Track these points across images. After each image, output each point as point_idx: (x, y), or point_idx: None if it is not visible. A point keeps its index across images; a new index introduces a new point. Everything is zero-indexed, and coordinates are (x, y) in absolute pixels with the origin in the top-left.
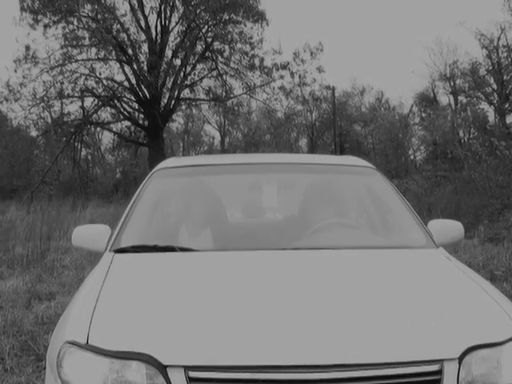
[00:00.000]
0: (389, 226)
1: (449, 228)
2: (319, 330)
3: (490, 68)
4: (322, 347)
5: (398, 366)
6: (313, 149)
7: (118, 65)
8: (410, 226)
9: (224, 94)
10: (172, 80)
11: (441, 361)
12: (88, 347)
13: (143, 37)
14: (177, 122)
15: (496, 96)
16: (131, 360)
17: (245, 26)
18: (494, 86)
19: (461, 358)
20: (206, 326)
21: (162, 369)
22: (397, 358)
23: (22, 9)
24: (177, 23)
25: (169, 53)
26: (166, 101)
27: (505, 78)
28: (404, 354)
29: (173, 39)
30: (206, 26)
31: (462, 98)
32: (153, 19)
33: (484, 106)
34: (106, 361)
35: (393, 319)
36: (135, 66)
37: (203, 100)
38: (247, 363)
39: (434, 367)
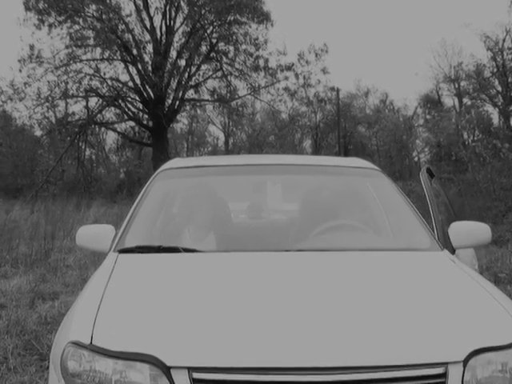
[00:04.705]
0: (393, 228)
1: (474, 230)
2: (323, 332)
3: (495, 70)
4: (326, 349)
5: (403, 369)
6: (317, 150)
7: (122, 65)
8: (414, 228)
9: (228, 94)
10: (176, 80)
11: (445, 364)
12: (92, 347)
13: (148, 37)
14: (181, 123)
15: (501, 98)
16: (135, 361)
17: (249, 27)
18: (499, 88)
19: (465, 361)
20: (210, 327)
21: (166, 370)
22: (401, 361)
23: (27, 9)
24: (182, 24)
25: (173, 53)
26: (170, 101)
27: (509, 80)
28: (409, 356)
29: (177, 40)
30: (211, 27)
31: (466, 100)
32: (158, 20)
33: (488, 108)
34: (110, 361)
35: (397, 322)
36: (140, 67)
37: (207, 101)
38: (251, 365)
39: (439, 370)
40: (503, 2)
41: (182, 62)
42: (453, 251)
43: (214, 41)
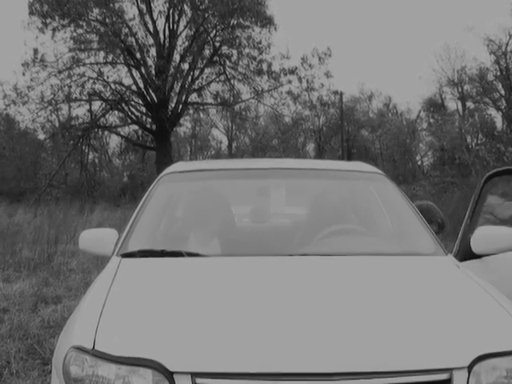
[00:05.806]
0: (397, 233)
1: (500, 235)
2: (327, 338)
3: (498, 74)
4: (330, 355)
5: (407, 375)
6: (320, 154)
7: (125, 69)
8: (418, 232)
9: (232, 98)
10: (180, 84)
11: (450, 369)
12: (94, 352)
13: (151, 41)
14: (184, 126)
15: (504, 102)
16: (138, 366)
17: (253, 30)
18: (502, 92)
19: (470, 367)
20: (213, 332)
21: (169, 375)
22: (406, 367)
23: (31, 13)
24: (185, 27)
25: (177, 57)
26: (173, 105)
27: None
28: (413, 362)
29: (181, 43)
30: (214, 31)
31: (469, 104)
32: (161, 23)
33: (492, 111)
34: (113, 366)
35: (401, 327)
36: (143, 70)
37: (211, 104)
38: (255, 370)
39: (443, 376)
40: (506, 5)
41: (186, 66)
42: (476, 257)
43: (218, 44)
